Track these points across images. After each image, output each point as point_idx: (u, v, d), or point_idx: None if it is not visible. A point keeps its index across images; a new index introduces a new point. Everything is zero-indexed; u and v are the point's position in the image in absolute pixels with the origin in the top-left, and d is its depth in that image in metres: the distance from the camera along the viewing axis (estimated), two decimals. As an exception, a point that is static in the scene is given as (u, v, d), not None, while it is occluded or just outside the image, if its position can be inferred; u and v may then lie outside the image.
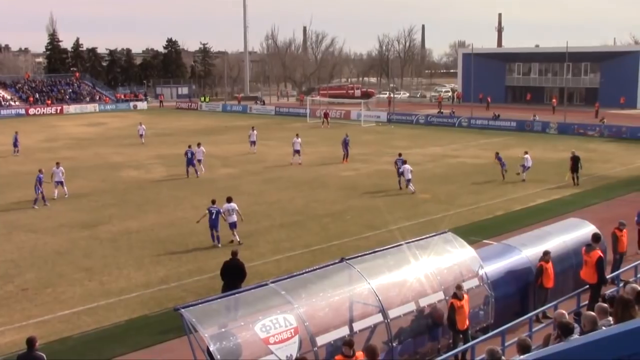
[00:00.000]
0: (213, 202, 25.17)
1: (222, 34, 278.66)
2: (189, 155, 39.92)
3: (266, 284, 13.94)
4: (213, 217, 24.57)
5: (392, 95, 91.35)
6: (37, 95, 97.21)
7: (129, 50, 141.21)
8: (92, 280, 21.36)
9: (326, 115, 70.58)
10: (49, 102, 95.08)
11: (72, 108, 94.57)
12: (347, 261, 15.05)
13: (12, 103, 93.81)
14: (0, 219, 29.45)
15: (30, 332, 16.48)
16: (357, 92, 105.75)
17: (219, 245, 24.57)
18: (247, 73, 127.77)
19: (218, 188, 35.79)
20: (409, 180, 34.03)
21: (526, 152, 37.77)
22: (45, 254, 24.17)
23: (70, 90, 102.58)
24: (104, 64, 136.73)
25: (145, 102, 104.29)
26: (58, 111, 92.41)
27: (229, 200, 25.42)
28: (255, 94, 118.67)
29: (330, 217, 29.34)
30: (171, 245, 24.99)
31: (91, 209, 31.35)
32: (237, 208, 25.28)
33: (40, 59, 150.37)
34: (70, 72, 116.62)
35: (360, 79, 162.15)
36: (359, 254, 15.95)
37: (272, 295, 13.58)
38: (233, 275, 17.52)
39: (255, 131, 50.33)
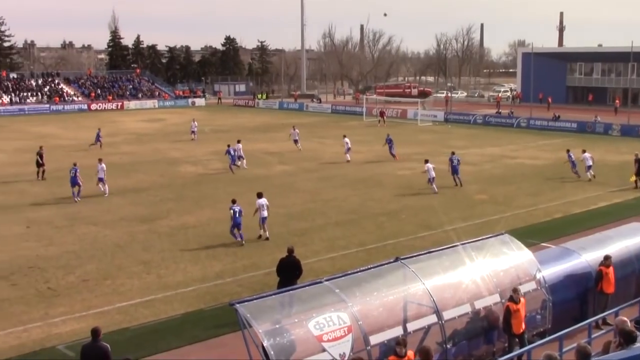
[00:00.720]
0: (234, 201, 25.26)
1: (280, 32, 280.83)
2: (232, 152, 40.85)
3: (320, 282, 13.96)
4: (236, 215, 24.71)
5: (449, 94, 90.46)
6: (99, 91, 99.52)
7: (188, 48, 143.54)
8: (150, 273, 21.75)
9: (382, 114, 70.33)
10: (110, 97, 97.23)
11: (132, 104, 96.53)
12: (402, 261, 14.95)
13: (75, 98, 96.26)
14: (62, 211, 30.27)
15: (90, 322, 16.91)
16: (414, 91, 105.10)
17: (243, 242, 24.71)
18: (304, 71, 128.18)
19: (273, 185, 36.05)
20: (432, 179, 33.94)
21: (584, 151, 37.24)
22: (105, 247, 24.73)
23: (131, 86, 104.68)
24: (164, 60, 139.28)
25: (203, 99, 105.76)
26: (119, 107, 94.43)
27: (260, 195, 25.58)
28: (312, 91, 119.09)
29: (386, 216, 29.23)
30: (227, 240, 25.23)
31: (150, 204, 31.93)
32: (267, 203, 25.44)
33: (103, 56, 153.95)
34: (131, 68, 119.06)
35: (418, 77, 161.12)
36: (414, 254, 15.83)
37: (327, 293, 13.58)
38: (289, 273, 17.56)
39: (297, 130, 50.36)
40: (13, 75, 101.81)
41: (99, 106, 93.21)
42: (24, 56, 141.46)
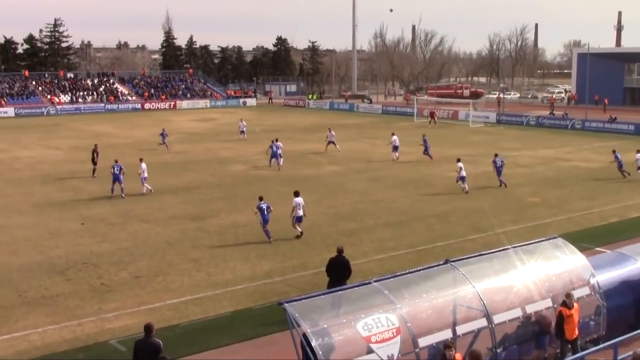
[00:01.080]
0: (260, 198, 25.65)
1: (331, 33, 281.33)
2: (274, 148, 42.01)
3: (369, 283, 13.90)
4: (265, 213, 24.99)
5: (501, 95, 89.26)
6: (152, 91, 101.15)
7: (239, 48, 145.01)
8: (199, 271, 22.00)
9: (432, 114, 69.79)
10: (163, 97, 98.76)
11: (185, 103, 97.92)
12: (452, 263, 14.81)
13: (129, 98, 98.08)
14: (116, 209, 30.84)
15: (142, 318, 17.20)
16: (466, 92, 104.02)
17: (270, 240, 25.02)
18: (355, 71, 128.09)
19: (324, 185, 36.14)
20: (462, 178, 34.02)
21: (638, 151, 36.71)
22: (156, 244, 25.11)
23: (184, 86, 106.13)
24: (216, 61, 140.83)
25: (255, 99, 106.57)
26: (171, 106, 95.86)
27: (297, 194, 25.77)
28: (363, 92, 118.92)
29: (435, 217, 29.00)
30: (276, 240, 25.35)
31: (201, 202, 32.29)
32: (303, 203, 25.62)
33: (156, 56, 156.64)
34: (184, 68, 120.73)
35: (469, 78, 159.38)
36: (464, 257, 15.67)
37: (375, 294, 13.52)
38: (339, 272, 17.57)
39: (332, 132, 50.11)
40: (70, 75, 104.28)
41: (152, 106, 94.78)
42: (80, 56, 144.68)
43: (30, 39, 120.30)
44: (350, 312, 13.29)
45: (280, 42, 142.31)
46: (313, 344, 12.06)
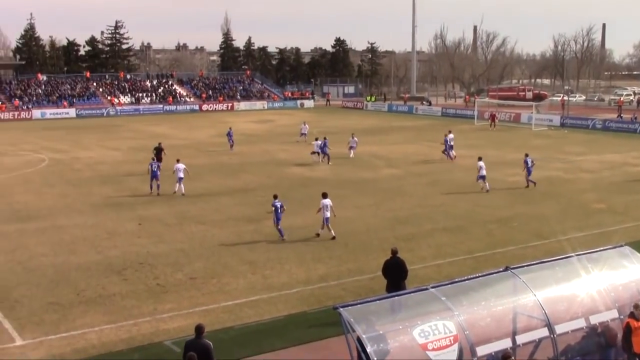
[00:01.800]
0: (275, 196, 26.05)
1: (390, 34, 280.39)
2: (321, 145, 44.19)
3: (426, 289, 13.62)
4: (278, 211, 25.37)
5: (566, 98, 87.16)
6: (210, 92, 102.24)
7: (297, 49, 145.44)
8: (255, 273, 21.93)
9: (493, 117, 68.64)
10: (221, 98, 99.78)
11: (242, 105, 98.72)
12: (512, 270, 14.38)
13: (188, 99, 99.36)
14: (173, 210, 31.09)
15: (197, 319, 17.16)
16: (529, 94, 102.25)
17: (284, 238, 25.45)
18: (414, 73, 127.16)
19: (381, 188, 35.79)
20: (482, 177, 34.57)
21: None
22: (212, 245, 25.17)
23: (241, 87, 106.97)
24: (274, 62, 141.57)
25: (312, 101, 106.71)
26: (229, 108, 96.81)
27: (325, 196, 25.85)
28: (422, 94, 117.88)
29: (496, 223, 28.34)
30: (332, 243, 25.16)
31: (257, 204, 32.28)
32: (331, 204, 25.67)
33: (215, 57, 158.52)
34: (242, 70, 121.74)
35: (532, 80, 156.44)
36: (525, 264, 15.23)
37: (432, 301, 13.24)
38: (395, 274, 17.50)
39: (355, 138, 48.86)
40: (129, 76, 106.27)
41: (210, 107, 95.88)
42: (140, 58, 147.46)
43: (92, 41, 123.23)
44: (407, 318, 13.09)
45: (339, 43, 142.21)
46: (368, 349, 11.87)
